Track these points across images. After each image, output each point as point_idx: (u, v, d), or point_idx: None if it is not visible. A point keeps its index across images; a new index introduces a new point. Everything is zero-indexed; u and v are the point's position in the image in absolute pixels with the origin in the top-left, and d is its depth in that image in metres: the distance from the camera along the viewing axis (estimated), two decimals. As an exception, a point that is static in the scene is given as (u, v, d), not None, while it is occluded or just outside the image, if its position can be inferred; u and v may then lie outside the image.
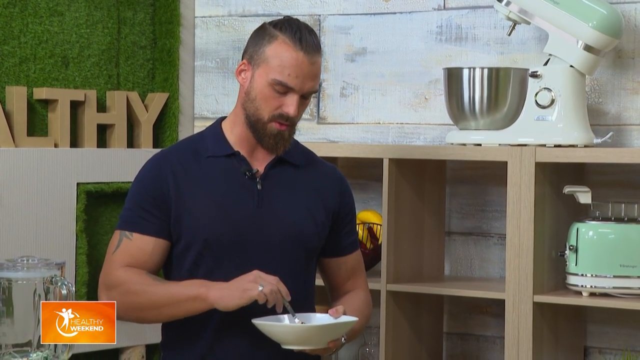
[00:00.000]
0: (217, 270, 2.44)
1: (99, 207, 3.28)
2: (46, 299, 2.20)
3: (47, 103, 3.19)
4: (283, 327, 2.34)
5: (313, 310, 2.52)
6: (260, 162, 2.52)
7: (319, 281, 2.64)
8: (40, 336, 2.18)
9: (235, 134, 2.52)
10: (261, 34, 2.48)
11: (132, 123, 3.39)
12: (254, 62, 2.46)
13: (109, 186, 3.26)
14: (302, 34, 2.44)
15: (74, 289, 2.22)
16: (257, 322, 2.34)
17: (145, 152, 3.38)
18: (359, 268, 2.65)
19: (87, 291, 3.17)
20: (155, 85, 3.48)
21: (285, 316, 2.37)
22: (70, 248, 3.17)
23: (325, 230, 2.55)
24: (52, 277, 2.22)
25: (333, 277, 2.63)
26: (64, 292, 2.20)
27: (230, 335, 2.44)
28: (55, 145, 3.16)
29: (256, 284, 2.32)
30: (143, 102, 3.41)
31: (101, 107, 3.31)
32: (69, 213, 3.17)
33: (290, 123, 2.48)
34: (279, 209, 2.49)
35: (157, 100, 3.43)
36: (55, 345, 2.20)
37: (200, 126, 3.57)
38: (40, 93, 3.15)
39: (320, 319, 2.41)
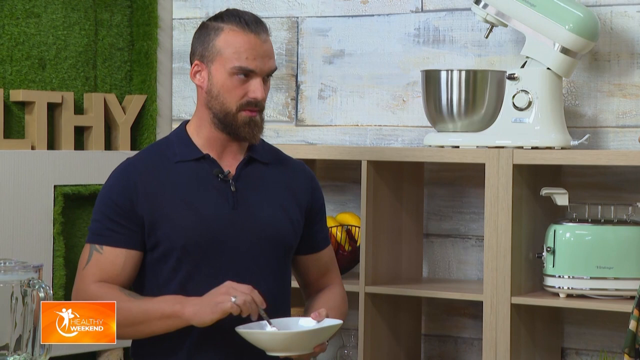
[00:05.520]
0: (196, 276, 2.41)
1: (77, 210, 3.27)
2: (23, 302, 2.19)
3: (23, 105, 3.17)
4: (269, 334, 2.30)
5: (289, 309, 2.50)
6: (230, 163, 2.49)
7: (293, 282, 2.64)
8: (17, 339, 2.17)
9: (202, 137, 2.49)
10: (205, 32, 2.46)
11: (109, 125, 3.38)
12: (207, 59, 2.44)
13: (87, 188, 3.25)
14: (245, 18, 2.44)
15: (51, 291, 2.21)
16: (241, 330, 2.30)
17: (123, 154, 3.36)
18: (332, 263, 2.63)
19: (64, 294, 3.16)
20: (132, 87, 3.47)
21: (268, 322, 2.34)
22: (47, 251, 3.15)
23: (299, 228, 2.53)
24: (30, 280, 2.20)
25: (308, 275, 2.60)
26: (42, 294, 2.18)
27: (209, 345, 2.40)
28: (32, 148, 3.15)
29: (228, 296, 2.28)
30: (121, 104, 3.40)
31: (78, 109, 3.29)
32: (46, 215, 3.15)
33: (259, 108, 2.46)
34: (255, 209, 2.47)
35: (135, 102, 3.42)
36: (33, 348, 2.19)
37: (178, 128, 3.57)
38: (17, 95, 3.14)
39: (304, 323, 2.38)
